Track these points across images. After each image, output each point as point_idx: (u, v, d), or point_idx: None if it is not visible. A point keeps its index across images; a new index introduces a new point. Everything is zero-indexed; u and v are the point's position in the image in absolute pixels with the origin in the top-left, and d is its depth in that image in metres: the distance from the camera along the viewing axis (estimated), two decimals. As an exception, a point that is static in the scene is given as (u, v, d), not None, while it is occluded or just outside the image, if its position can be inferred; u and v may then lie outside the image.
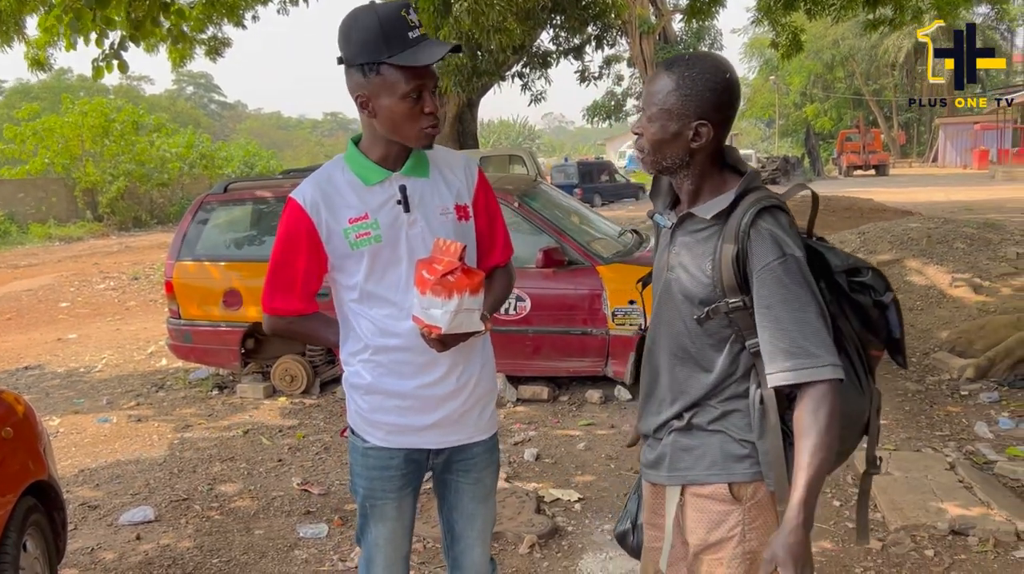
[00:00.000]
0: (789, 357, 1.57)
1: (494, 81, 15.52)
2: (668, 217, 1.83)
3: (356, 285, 2.00)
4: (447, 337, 1.89)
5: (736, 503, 1.72)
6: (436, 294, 1.84)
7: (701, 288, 1.69)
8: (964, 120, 41.48)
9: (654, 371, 1.84)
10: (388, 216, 1.97)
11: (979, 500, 3.73)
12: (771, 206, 1.65)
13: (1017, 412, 5.11)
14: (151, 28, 6.81)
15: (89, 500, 4.43)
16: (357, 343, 2.05)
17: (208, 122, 62.48)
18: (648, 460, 1.88)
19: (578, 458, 4.72)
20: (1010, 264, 8.15)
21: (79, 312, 10.97)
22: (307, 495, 4.36)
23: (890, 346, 1.81)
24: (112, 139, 24.54)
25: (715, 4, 14.85)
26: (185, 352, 6.42)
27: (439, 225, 2.00)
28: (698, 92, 1.65)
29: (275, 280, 2.05)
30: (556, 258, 5.55)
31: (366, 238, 1.96)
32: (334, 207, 1.96)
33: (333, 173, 2.01)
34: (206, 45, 14.46)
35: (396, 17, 1.84)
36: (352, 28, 1.87)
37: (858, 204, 15.50)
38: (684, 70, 1.67)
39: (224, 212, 6.48)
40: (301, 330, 2.17)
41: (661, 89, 1.68)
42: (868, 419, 1.79)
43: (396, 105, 1.87)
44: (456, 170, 2.09)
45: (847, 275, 1.73)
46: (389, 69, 1.85)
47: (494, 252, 2.17)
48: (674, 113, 1.67)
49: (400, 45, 1.83)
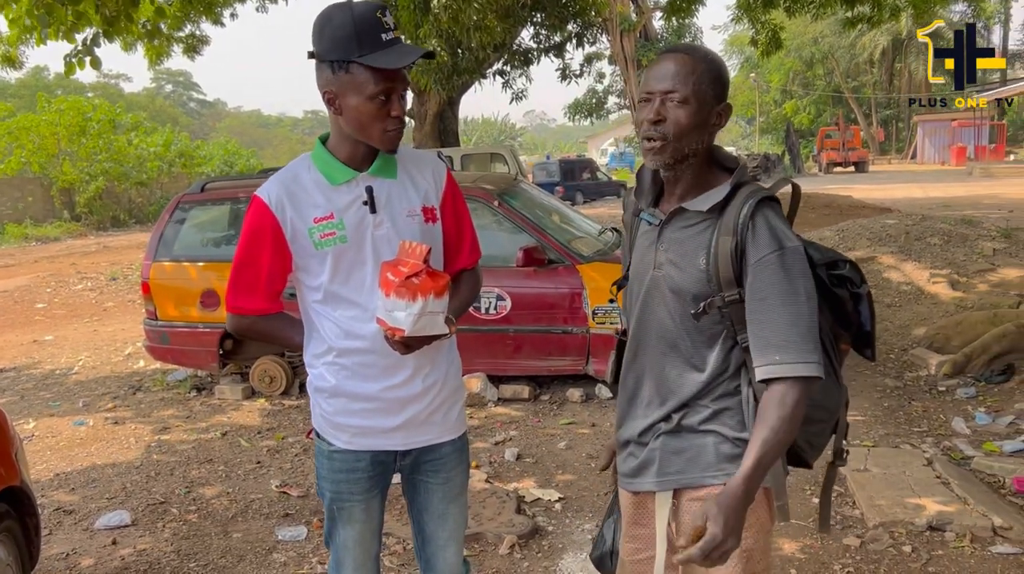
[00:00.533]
0: (777, 350, 1.57)
1: (475, 79, 15.49)
2: (655, 214, 1.78)
3: (320, 286, 1.98)
4: (411, 339, 1.87)
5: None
6: (400, 296, 1.82)
7: (694, 283, 1.67)
8: (942, 117, 41.82)
9: (639, 373, 1.80)
10: (354, 217, 1.95)
11: (956, 496, 3.75)
12: (767, 198, 1.66)
13: (994, 407, 5.16)
14: (125, 24, 6.73)
15: (64, 504, 4.38)
16: (321, 345, 2.03)
17: (187, 120, 62.05)
18: (630, 468, 1.83)
19: (559, 457, 4.72)
20: (986, 260, 8.23)
21: (56, 313, 10.86)
22: (286, 497, 4.33)
23: (860, 339, 1.82)
24: (89, 138, 24.28)
25: (695, 1, 14.93)
26: (162, 353, 6.35)
27: (405, 227, 1.98)
28: (718, 76, 1.69)
29: (239, 278, 2.02)
30: (536, 257, 5.53)
31: (331, 238, 1.94)
32: (300, 206, 1.94)
33: (299, 172, 1.99)
34: (184, 43, 14.36)
35: (371, 18, 1.83)
36: (326, 24, 1.86)
37: (837, 201, 15.61)
38: (704, 55, 1.69)
39: (201, 212, 6.42)
40: (265, 330, 2.14)
41: (691, 71, 1.65)
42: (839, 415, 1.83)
43: (363, 105, 1.86)
44: (424, 171, 2.07)
45: (827, 269, 1.74)
46: (359, 69, 1.83)
47: (461, 255, 2.15)
48: (708, 96, 1.66)
49: (372, 46, 1.82)
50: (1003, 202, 16.90)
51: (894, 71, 49.65)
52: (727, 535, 1.51)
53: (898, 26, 31.34)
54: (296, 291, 2.07)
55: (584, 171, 29.27)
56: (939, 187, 22.52)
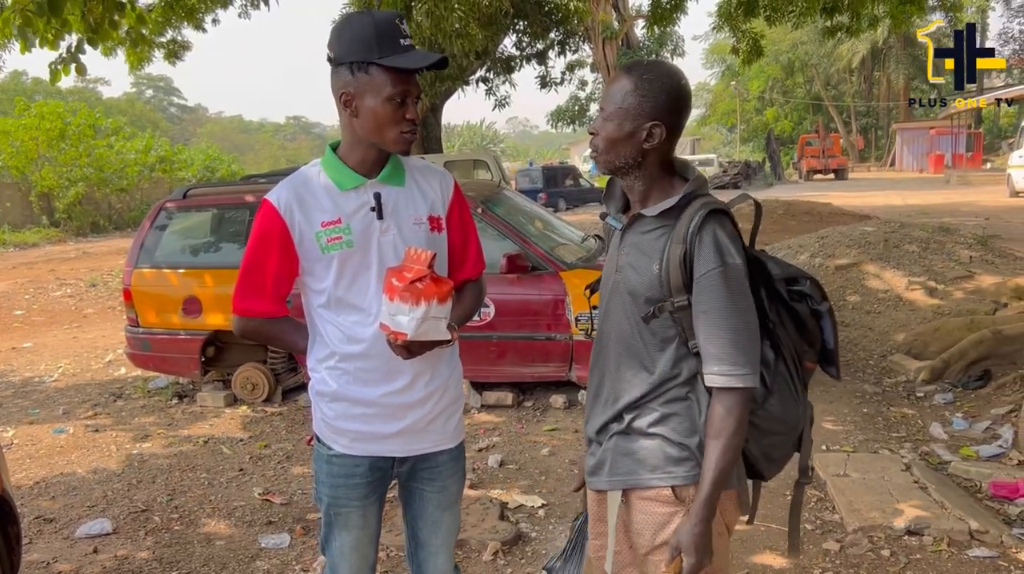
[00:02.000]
0: (717, 362, 1.66)
1: (457, 86, 15.53)
2: (620, 219, 1.88)
3: (325, 290, 2.00)
4: (412, 344, 1.89)
5: (681, 504, 1.75)
6: (404, 300, 1.85)
7: (648, 287, 1.74)
8: (920, 125, 42.34)
9: (601, 372, 1.87)
10: (361, 222, 1.98)
11: (934, 500, 3.80)
12: (717, 210, 1.71)
13: (971, 413, 5.23)
14: (109, 31, 6.69)
15: (45, 512, 4.34)
16: (324, 350, 2.05)
17: (168, 125, 61.71)
18: (589, 466, 1.91)
19: (542, 464, 4.74)
20: (963, 267, 8.34)
21: (35, 320, 10.76)
22: (269, 505, 4.32)
23: (824, 357, 1.87)
24: (69, 143, 24.08)
25: (677, 10, 15.00)
26: (144, 361, 6.32)
27: (411, 234, 2.01)
28: (654, 94, 1.72)
29: (246, 281, 2.04)
30: (520, 264, 5.55)
31: (337, 242, 1.96)
32: (308, 210, 1.97)
33: (309, 176, 2.02)
34: (165, 48, 14.28)
35: (391, 23, 1.89)
36: (346, 27, 1.91)
37: (817, 208, 15.73)
38: (643, 73, 1.74)
39: (183, 218, 6.40)
40: (270, 333, 2.15)
41: (619, 90, 1.75)
42: (802, 430, 1.85)
43: (380, 107, 1.90)
44: (432, 182, 2.10)
45: (786, 283, 1.80)
46: (377, 70, 1.88)
47: (466, 266, 2.18)
48: (630, 113, 1.73)
49: (391, 49, 1.88)
50: (980, 209, 17.12)
51: (873, 79, 50.18)
52: (702, 558, 1.66)
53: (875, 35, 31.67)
54: (301, 295, 2.09)
55: (567, 178, 29.33)
56: (918, 194, 22.77)
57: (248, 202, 6.05)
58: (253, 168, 37.11)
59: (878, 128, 52.91)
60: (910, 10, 12.87)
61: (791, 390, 1.79)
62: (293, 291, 2.08)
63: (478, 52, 12.86)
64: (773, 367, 1.76)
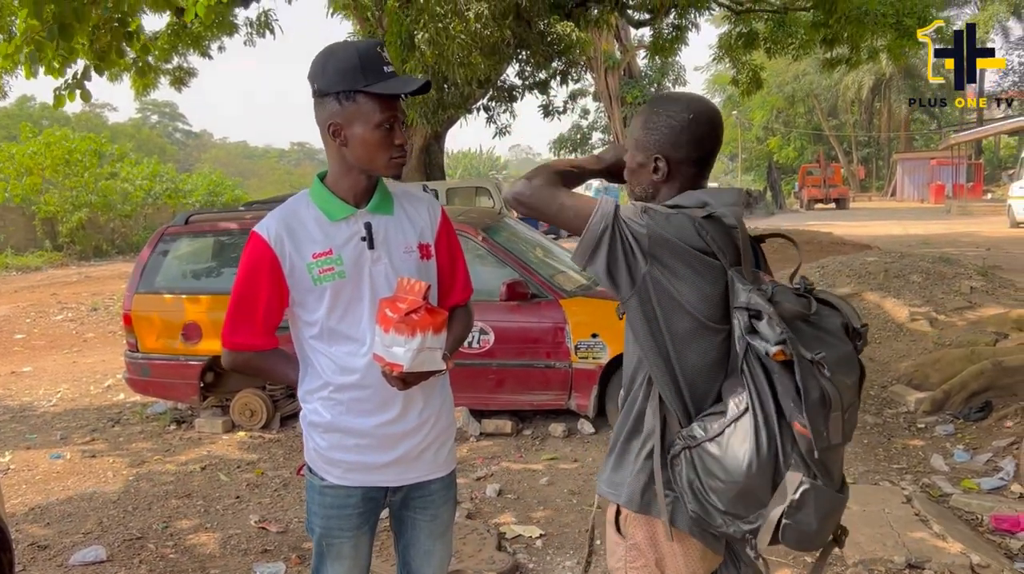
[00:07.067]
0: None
1: (460, 114, 15.60)
2: None
3: (318, 321, 2.00)
4: (408, 375, 1.89)
5: (621, 538, 1.79)
6: (399, 332, 1.85)
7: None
8: (921, 156, 42.52)
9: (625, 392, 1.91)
10: (352, 252, 1.98)
11: (935, 533, 3.77)
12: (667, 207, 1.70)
13: (972, 445, 5.20)
14: (115, 58, 6.76)
15: (39, 539, 4.31)
16: (316, 380, 2.04)
17: (173, 150, 62.06)
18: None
19: (540, 493, 4.70)
20: (964, 298, 8.33)
21: (35, 344, 10.76)
22: (265, 533, 4.28)
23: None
24: (74, 171, 24.20)
25: (678, 41, 15.17)
26: (143, 386, 6.31)
27: (402, 263, 2.02)
28: (658, 128, 1.75)
29: (236, 314, 2.05)
30: (520, 291, 5.56)
31: (329, 274, 1.97)
32: (298, 241, 1.97)
33: (298, 208, 2.03)
34: (171, 75, 14.42)
35: (373, 52, 1.92)
36: (329, 59, 1.93)
37: (818, 238, 15.77)
38: (655, 106, 1.80)
39: (185, 244, 6.42)
40: (261, 366, 2.15)
41: (636, 123, 1.82)
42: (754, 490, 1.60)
43: (369, 134, 1.92)
44: (420, 209, 2.12)
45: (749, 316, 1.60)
46: (364, 98, 1.90)
47: (454, 291, 2.19)
48: (640, 145, 1.80)
49: (376, 77, 1.90)
50: (980, 240, 17.14)
51: (874, 110, 50.47)
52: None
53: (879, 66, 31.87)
54: (291, 327, 2.09)
55: (568, 205, 29.43)
56: (918, 224, 22.81)
57: (250, 228, 6.07)
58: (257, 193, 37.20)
59: (879, 158, 53.12)
60: (906, 44, 13.02)
61: (748, 440, 1.56)
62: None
63: (481, 81, 12.94)
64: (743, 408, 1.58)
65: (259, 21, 13.82)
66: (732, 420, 1.58)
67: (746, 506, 1.60)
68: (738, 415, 1.58)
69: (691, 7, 13.66)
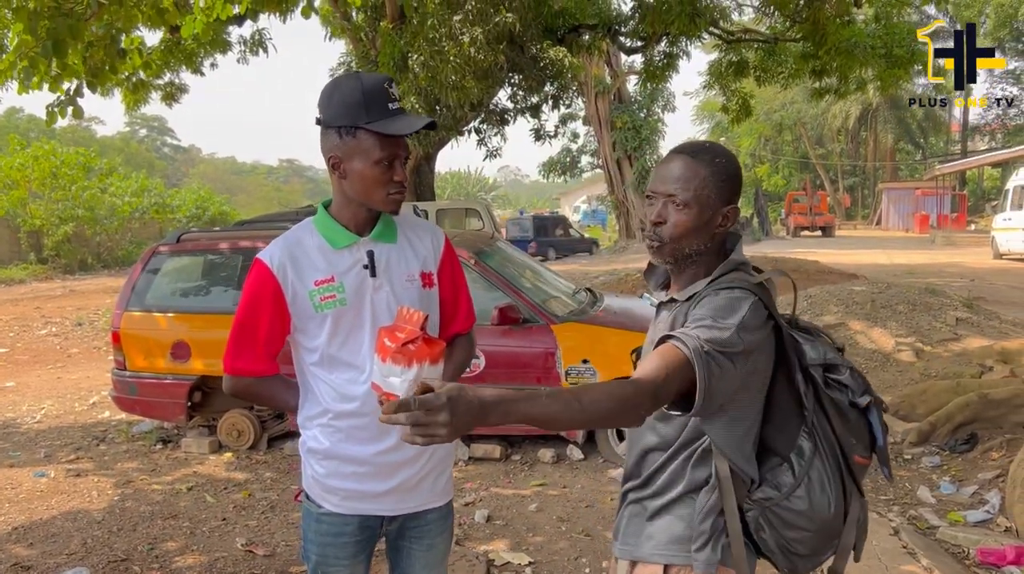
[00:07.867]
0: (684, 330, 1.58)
1: (451, 136, 15.70)
2: (657, 296, 1.87)
3: (318, 347, 2.01)
4: None
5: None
6: (396, 362, 1.85)
7: None
8: (906, 186, 43.00)
9: (632, 435, 1.84)
10: (354, 280, 2.00)
11: (922, 566, 3.79)
12: (733, 287, 1.64)
13: (958, 477, 5.23)
14: (109, 75, 6.78)
15: (22, 560, 4.26)
16: (316, 407, 2.05)
17: (162, 165, 61.95)
18: (615, 528, 1.90)
19: (529, 520, 4.69)
20: (950, 329, 8.39)
21: (18, 359, 10.65)
22: (251, 556, 4.25)
23: (875, 453, 1.78)
24: (61, 185, 24.12)
25: (668, 68, 15.32)
26: (130, 405, 6.25)
27: (404, 291, 2.03)
28: (730, 178, 1.71)
29: (239, 340, 2.05)
30: (511, 316, 5.57)
31: (331, 301, 1.98)
32: (301, 269, 1.99)
33: (302, 236, 2.04)
34: (162, 91, 14.44)
35: (379, 88, 1.92)
36: (335, 91, 1.94)
37: (804, 266, 15.85)
38: (714, 158, 1.70)
39: (176, 262, 6.39)
40: (262, 392, 2.15)
41: (694, 175, 1.67)
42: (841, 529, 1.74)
43: (368, 170, 1.93)
44: (424, 238, 2.13)
45: (824, 370, 1.72)
46: (365, 134, 1.91)
47: (457, 320, 2.20)
48: (711, 201, 1.68)
49: (379, 114, 1.91)
50: (965, 270, 17.31)
51: (860, 139, 51.06)
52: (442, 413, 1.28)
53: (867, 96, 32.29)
54: (292, 353, 2.10)
55: (557, 227, 29.60)
56: (903, 254, 23.02)
57: (242, 247, 6.07)
58: (245, 209, 37.20)
59: (865, 187, 53.67)
60: (898, 73, 13.18)
61: (827, 485, 1.68)
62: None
63: (473, 104, 13.04)
64: (808, 457, 1.67)
65: (252, 39, 13.89)
66: (805, 472, 1.67)
67: (826, 545, 1.75)
68: (808, 466, 1.67)
69: (683, 35, 13.79)
